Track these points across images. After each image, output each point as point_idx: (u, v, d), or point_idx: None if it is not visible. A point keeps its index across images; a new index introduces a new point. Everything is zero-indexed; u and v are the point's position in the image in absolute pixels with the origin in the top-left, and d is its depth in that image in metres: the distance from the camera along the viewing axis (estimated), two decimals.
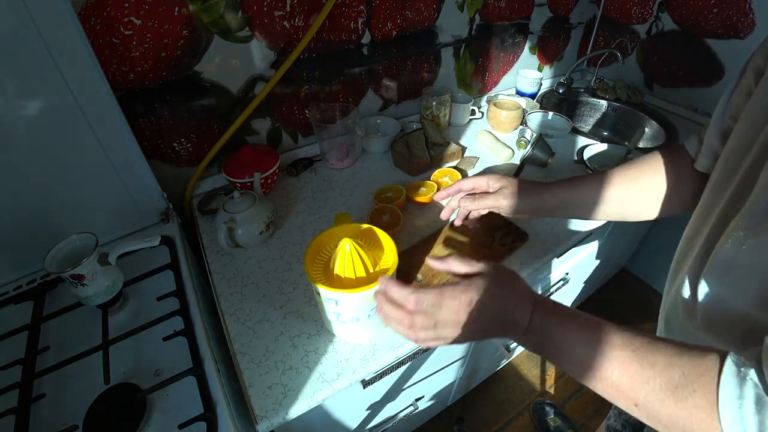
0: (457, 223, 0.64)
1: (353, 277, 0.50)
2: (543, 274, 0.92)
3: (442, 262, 0.45)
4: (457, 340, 0.42)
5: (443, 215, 0.64)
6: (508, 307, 0.40)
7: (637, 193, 0.54)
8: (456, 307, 0.40)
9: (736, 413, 0.27)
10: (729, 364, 0.29)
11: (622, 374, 0.33)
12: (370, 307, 0.52)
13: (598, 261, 1.21)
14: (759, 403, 0.26)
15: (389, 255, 0.54)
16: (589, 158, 0.94)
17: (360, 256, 0.50)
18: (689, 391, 0.30)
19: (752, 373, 0.27)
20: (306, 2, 0.78)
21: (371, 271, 0.51)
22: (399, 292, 0.42)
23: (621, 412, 0.70)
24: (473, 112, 1.15)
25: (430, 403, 1.05)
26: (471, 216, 0.63)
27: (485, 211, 0.61)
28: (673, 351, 0.32)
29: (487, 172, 0.66)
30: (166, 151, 0.80)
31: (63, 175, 0.63)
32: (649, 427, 0.45)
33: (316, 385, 0.53)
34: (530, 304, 0.40)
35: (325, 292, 0.49)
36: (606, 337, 0.35)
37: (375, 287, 0.48)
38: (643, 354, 0.33)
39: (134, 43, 0.66)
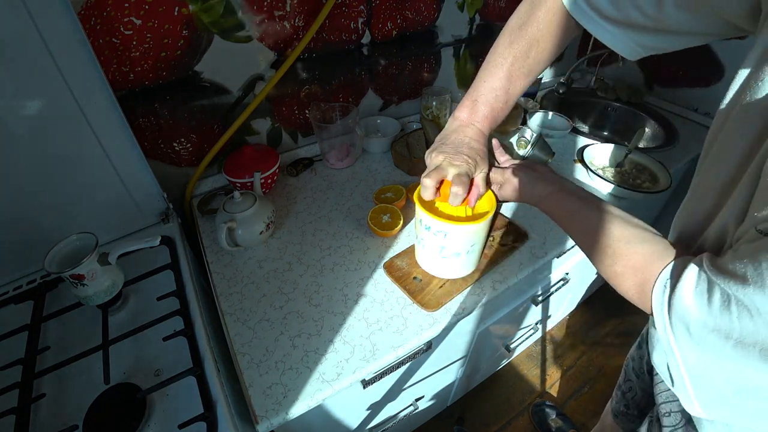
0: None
1: (455, 215, 0.57)
2: (543, 274, 0.92)
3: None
4: (508, 194, 0.57)
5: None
6: (540, 179, 0.54)
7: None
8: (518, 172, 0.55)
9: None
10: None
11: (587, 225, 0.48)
12: (471, 242, 0.58)
13: None
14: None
15: (486, 201, 0.59)
16: (589, 158, 0.94)
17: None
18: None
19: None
20: (306, 2, 0.78)
21: (471, 213, 0.58)
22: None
23: (624, 392, 0.71)
24: None
25: (430, 403, 1.05)
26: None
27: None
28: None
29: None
30: (166, 151, 0.80)
31: (63, 175, 0.63)
32: (657, 407, 0.56)
33: (316, 385, 0.53)
34: (551, 187, 0.53)
35: (436, 224, 0.55)
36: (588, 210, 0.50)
37: (483, 222, 0.55)
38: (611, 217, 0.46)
39: (134, 43, 0.66)
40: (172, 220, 0.78)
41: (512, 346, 1.08)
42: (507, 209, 0.82)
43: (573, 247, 0.79)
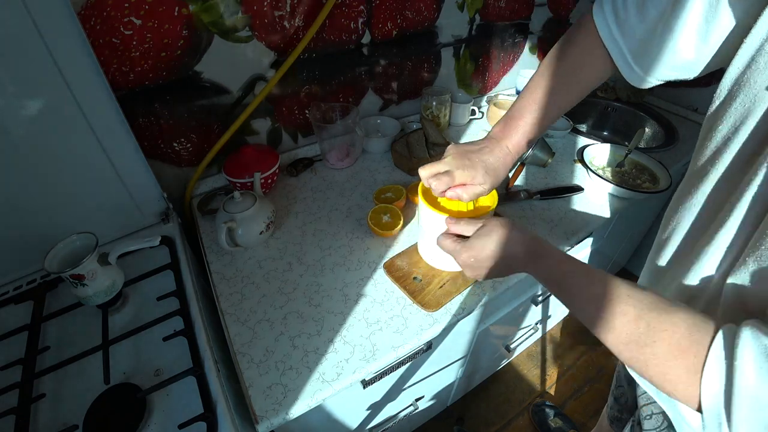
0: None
1: (455, 209, 0.58)
2: None
3: (455, 224, 0.54)
4: (481, 274, 0.52)
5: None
6: (507, 251, 0.48)
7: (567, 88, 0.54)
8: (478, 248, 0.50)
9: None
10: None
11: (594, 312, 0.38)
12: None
13: (598, 261, 1.21)
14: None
15: (487, 197, 0.60)
16: (589, 158, 0.94)
17: None
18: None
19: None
20: (306, 2, 0.78)
21: (473, 208, 0.59)
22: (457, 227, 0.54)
23: (617, 397, 0.71)
24: (473, 112, 1.15)
25: (430, 403, 1.05)
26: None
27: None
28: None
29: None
30: (166, 151, 0.80)
31: (63, 175, 0.63)
32: (639, 409, 0.53)
33: (316, 385, 0.53)
34: (523, 250, 0.47)
35: (432, 216, 0.57)
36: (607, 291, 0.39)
37: (488, 214, 0.57)
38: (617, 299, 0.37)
39: (134, 43, 0.66)
40: (172, 220, 0.78)
41: (512, 346, 1.08)
42: (506, 209, 0.82)
43: (573, 247, 0.79)
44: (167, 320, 0.58)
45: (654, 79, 0.49)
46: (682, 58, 0.44)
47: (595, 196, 0.86)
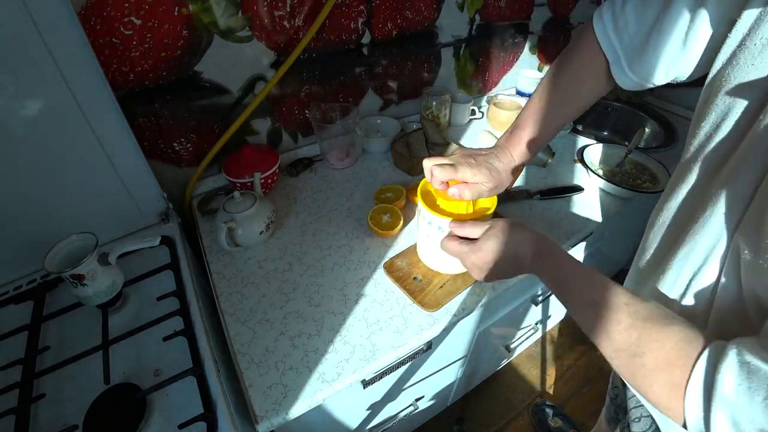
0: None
1: (455, 212, 0.57)
2: None
3: (460, 227, 0.54)
4: (490, 275, 0.52)
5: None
6: (516, 251, 0.49)
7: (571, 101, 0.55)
8: (485, 251, 0.50)
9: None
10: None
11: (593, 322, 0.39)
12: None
13: (598, 261, 1.21)
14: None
15: (487, 199, 0.60)
16: (589, 158, 0.94)
17: None
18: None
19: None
20: (306, 2, 0.78)
21: (472, 210, 0.59)
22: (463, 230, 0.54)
23: (612, 398, 0.71)
24: (473, 112, 1.15)
25: (430, 403, 1.05)
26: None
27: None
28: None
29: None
30: (166, 151, 0.80)
31: (63, 175, 0.63)
32: (628, 412, 0.53)
33: (316, 385, 0.53)
34: (531, 249, 0.48)
35: (433, 219, 0.56)
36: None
37: (487, 216, 0.57)
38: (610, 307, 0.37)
39: (134, 43, 0.66)
40: (172, 220, 0.78)
41: (512, 346, 1.08)
42: (506, 209, 0.82)
43: (573, 247, 0.79)
44: (167, 320, 0.58)
45: (648, 84, 0.50)
46: (673, 63, 0.45)
47: (595, 196, 0.86)
